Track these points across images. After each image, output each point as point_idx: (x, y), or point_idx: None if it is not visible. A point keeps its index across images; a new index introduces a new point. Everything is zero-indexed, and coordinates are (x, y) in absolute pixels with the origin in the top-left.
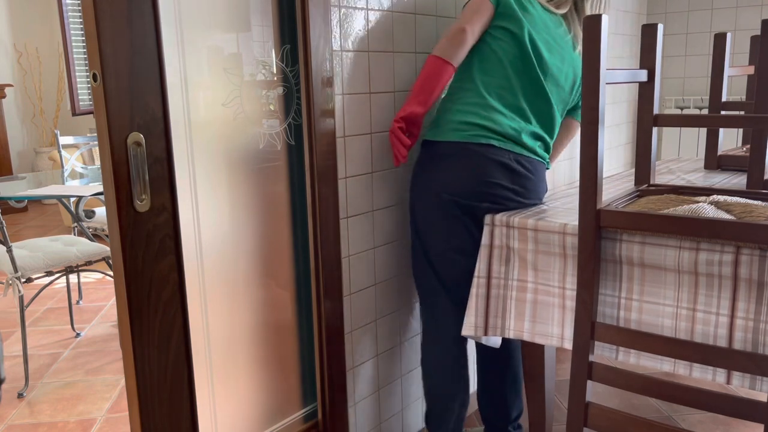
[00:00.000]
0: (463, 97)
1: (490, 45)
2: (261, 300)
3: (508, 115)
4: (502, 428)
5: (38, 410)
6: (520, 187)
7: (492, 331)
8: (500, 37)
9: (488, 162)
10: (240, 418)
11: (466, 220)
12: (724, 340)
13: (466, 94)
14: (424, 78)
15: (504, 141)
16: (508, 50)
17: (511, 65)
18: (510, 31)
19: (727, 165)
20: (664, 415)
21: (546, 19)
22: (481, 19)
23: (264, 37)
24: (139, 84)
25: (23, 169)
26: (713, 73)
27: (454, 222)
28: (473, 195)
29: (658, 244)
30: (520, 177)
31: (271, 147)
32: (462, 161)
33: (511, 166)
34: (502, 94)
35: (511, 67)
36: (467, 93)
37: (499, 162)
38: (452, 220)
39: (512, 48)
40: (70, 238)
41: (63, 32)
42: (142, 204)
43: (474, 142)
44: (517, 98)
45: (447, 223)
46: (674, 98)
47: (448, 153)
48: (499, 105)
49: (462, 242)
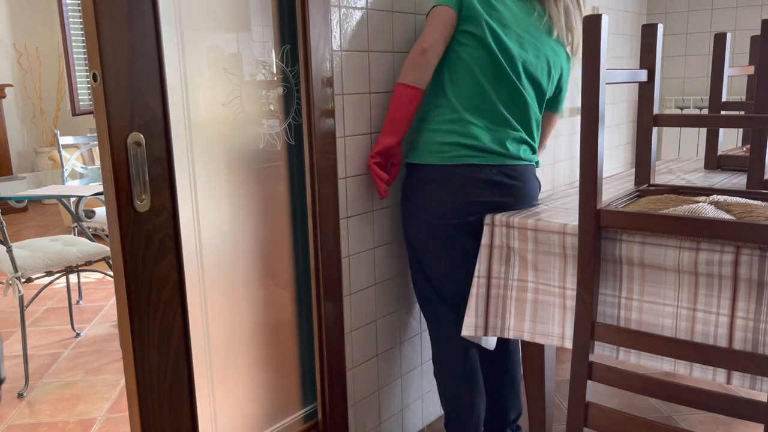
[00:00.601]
0: (437, 115)
1: (458, 53)
2: (261, 300)
3: (487, 127)
4: (500, 430)
5: (38, 410)
6: (509, 197)
7: (492, 331)
8: (467, 43)
9: (472, 182)
10: (240, 418)
11: (459, 236)
12: (724, 340)
13: (441, 111)
14: (393, 108)
15: (485, 155)
16: (477, 56)
17: (482, 72)
18: (476, 36)
19: (727, 165)
20: (664, 415)
21: (516, 10)
22: (443, 29)
23: (264, 37)
24: (139, 84)
25: (23, 169)
26: (713, 73)
27: (448, 241)
28: (462, 214)
29: (658, 244)
30: (508, 187)
31: (271, 147)
32: (445, 185)
33: (496, 180)
34: (478, 105)
35: (483, 73)
36: (441, 110)
37: (483, 179)
38: (445, 240)
39: (481, 53)
40: (70, 238)
41: (63, 32)
42: (142, 204)
43: (454, 164)
44: (494, 105)
45: (441, 243)
46: (674, 98)
47: (430, 177)
48: (475, 118)
49: (459, 258)
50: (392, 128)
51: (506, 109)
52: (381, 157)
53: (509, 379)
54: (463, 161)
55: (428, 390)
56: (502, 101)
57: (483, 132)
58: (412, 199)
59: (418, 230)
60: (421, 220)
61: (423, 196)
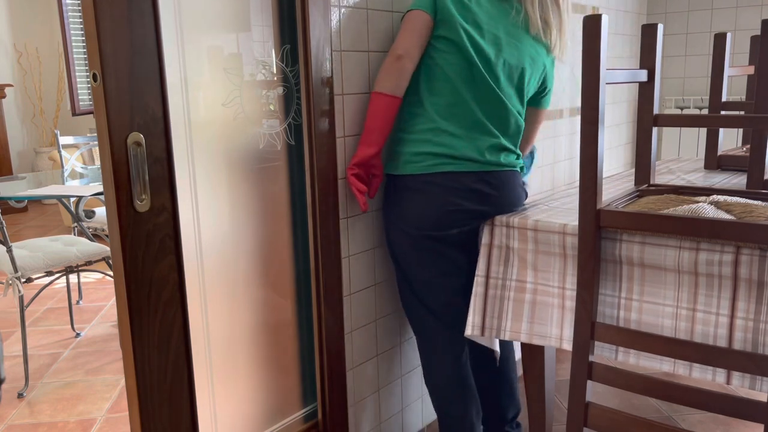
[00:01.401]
0: (414, 125)
1: (435, 59)
2: (261, 300)
3: (464, 136)
4: (499, 428)
5: (38, 410)
6: (489, 206)
7: (488, 332)
8: (443, 48)
9: (450, 191)
10: (240, 418)
11: (441, 248)
12: (724, 340)
13: (417, 120)
14: (369, 118)
15: (461, 163)
16: (454, 62)
17: (460, 78)
18: (452, 41)
19: (727, 165)
20: (664, 415)
21: (491, 11)
22: (418, 35)
23: (264, 37)
24: (139, 84)
25: (23, 169)
26: (713, 73)
27: (430, 252)
28: (441, 226)
29: (658, 244)
30: (487, 196)
31: (271, 147)
32: (424, 195)
33: (474, 188)
34: (455, 113)
35: (460, 80)
36: (418, 119)
37: (461, 188)
38: (428, 251)
39: (457, 59)
40: (70, 238)
41: (63, 32)
42: (142, 204)
43: (431, 173)
44: (472, 113)
45: (423, 254)
46: (674, 98)
47: (408, 187)
48: (452, 127)
49: (443, 267)
50: (369, 139)
51: (485, 116)
52: (360, 169)
53: (506, 381)
54: (438, 169)
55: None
56: (481, 108)
57: (458, 140)
58: (391, 209)
59: (399, 241)
60: (401, 230)
61: (402, 205)
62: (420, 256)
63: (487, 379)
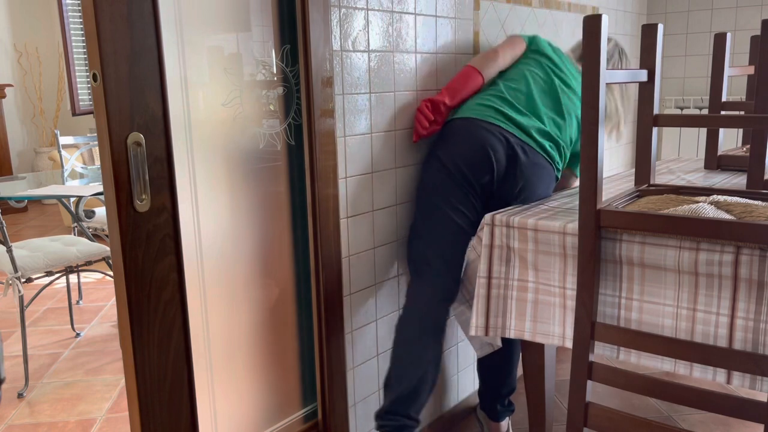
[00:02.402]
0: (484, 92)
1: (518, 66)
2: (261, 300)
3: (522, 113)
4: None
5: (38, 410)
6: (519, 172)
7: (493, 331)
8: (529, 62)
9: (492, 136)
10: (240, 418)
11: (468, 189)
12: (724, 340)
13: (489, 90)
14: (456, 77)
15: (511, 125)
16: (534, 71)
17: (535, 82)
18: (539, 61)
19: (727, 165)
20: (664, 415)
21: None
22: (513, 50)
23: (264, 37)
24: (139, 84)
25: (23, 169)
26: (713, 73)
27: (456, 187)
28: (473, 167)
29: (658, 244)
30: (519, 162)
31: (271, 147)
32: (468, 132)
33: (512, 147)
34: (521, 98)
35: (534, 83)
36: (489, 89)
37: (501, 139)
38: (455, 185)
39: (539, 70)
40: (70, 238)
41: (63, 32)
42: (142, 204)
43: (483, 119)
44: (534, 104)
45: (450, 184)
46: (674, 98)
47: (457, 126)
48: (515, 103)
49: (459, 203)
50: (450, 91)
51: (545, 113)
52: (431, 105)
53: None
54: (490, 120)
55: None
56: (544, 106)
57: (517, 114)
58: (436, 146)
59: (434, 170)
60: (440, 162)
61: (446, 141)
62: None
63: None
